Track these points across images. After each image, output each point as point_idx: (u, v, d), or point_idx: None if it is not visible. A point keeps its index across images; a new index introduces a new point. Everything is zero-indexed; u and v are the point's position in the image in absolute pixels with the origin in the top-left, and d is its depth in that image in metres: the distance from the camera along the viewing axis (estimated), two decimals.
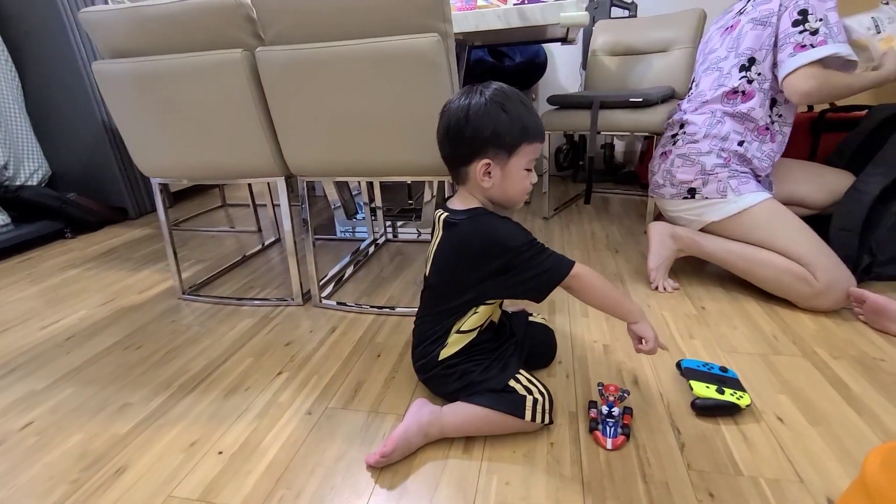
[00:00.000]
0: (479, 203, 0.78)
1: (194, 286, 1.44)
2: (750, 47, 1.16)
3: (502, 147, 0.73)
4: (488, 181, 0.75)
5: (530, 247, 0.74)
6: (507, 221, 0.77)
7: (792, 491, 0.66)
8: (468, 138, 0.73)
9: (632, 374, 0.93)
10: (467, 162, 0.75)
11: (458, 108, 0.73)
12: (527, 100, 0.75)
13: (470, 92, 0.73)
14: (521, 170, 0.75)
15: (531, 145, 0.75)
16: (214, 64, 1.07)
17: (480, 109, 0.71)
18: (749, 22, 1.17)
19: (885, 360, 0.93)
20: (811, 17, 1.06)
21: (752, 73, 1.16)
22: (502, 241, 0.74)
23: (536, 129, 0.74)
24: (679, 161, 1.25)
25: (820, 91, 1.08)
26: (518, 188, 0.77)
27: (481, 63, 2.14)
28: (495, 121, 0.71)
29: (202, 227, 2.07)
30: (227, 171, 1.21)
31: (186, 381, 0.98)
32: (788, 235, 1.12)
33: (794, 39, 1.08)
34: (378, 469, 0.73)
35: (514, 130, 0.72)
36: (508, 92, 0.73)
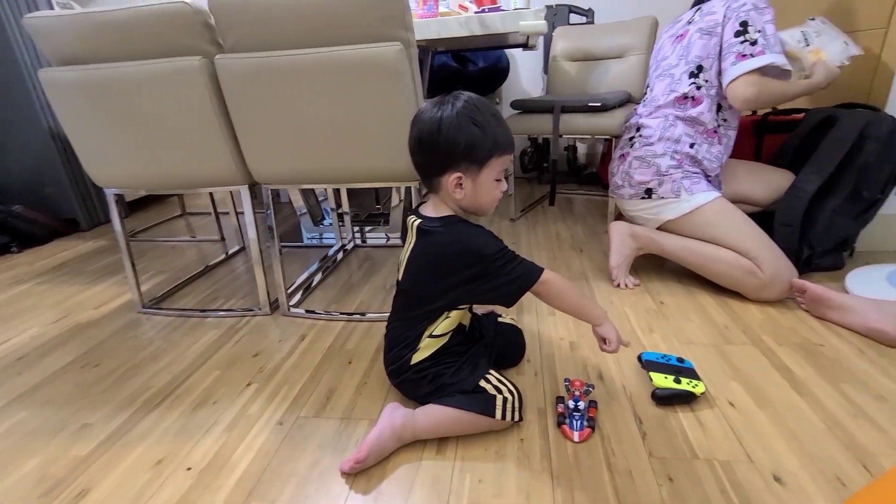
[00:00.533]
0: (451, 210, 0.80)
1: (154, 299, 1.39)
2: (698, 56, 1.23)
3: (474, 161, 0.74)
4: (460, 192, 0.76)
5: (502, 255, 0.76)
6: (481, 230, 0.78)
7: (742, 470, 0.70)
8: (441, 151, 0.74)
9: (597, 368, 0.97)
10: (439, 173, 0.76)
11: (431, 121, 0.73)
12: (497, 111, 0.76)
13: (441, 103, 0.74)
14: (492, 181, 0.77)
15: (502, 157, 0.76)
16: (172, 71, 1.04)
17: (452, 123, 0.72)
18: (697, 32, 1.24)
19: (824, 345, 1.00)
20: (751, 29, 1.14)
21: (701, 79, 1.23)
22: (477, 249, 0.76)
23: (507, 142, 0.76)
24: (636, 163, 1.31)
25: (759, 97, 1.16)
26: (489, 198, 0.79)
27: (445, 68, 2.17)
28: (467, 135, 0.72)
29: (161, 238, 2.00)
30: (188, 181, 1.18)
31: (150, 398, 0.95)
32: (736, 232, 1.19)
33: (736, 49, 1.16)
34: (352, 475, 0.74)
35: (485, 144, 0.73)
36: (479, 104, 0.74)
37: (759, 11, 1.15)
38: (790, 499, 0.66)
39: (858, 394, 0.85)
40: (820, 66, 1.21)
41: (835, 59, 1.22)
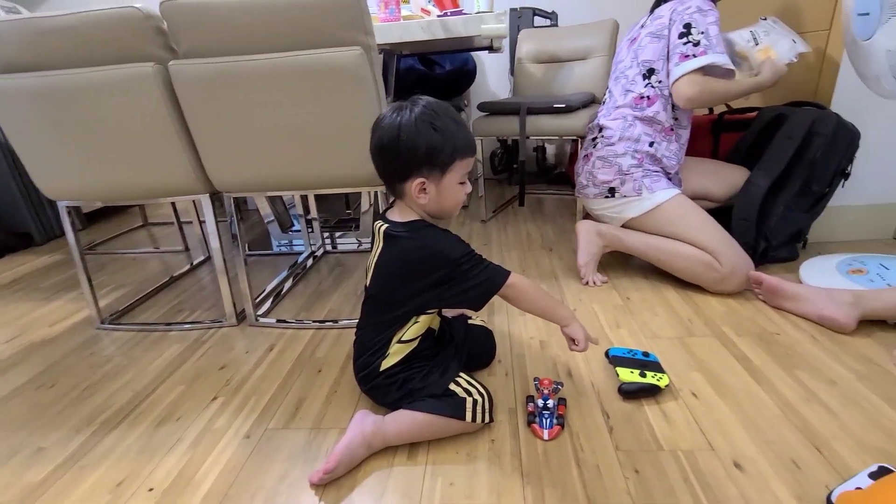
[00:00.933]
0: (417, 215, 0.80)
1: (115, 314, 1.34)
2: (648, 59, 1.28)
3: (436, 166, 0.74)
4: (424, 198, 0.76)
5: (469, 258, 0.76)
6: (448, 234, 0.79)
7: (704, 459, 0.73)
8: (402, 158, 0.73)
9: (566, 366, 0.98)
10: (402, 180, 0.76)
11: (390, 127, 0.73)
12: (456, 114, 0.76)
13: (400, 109, 0.73)
14: (456, 184, 0.77)
15: (464, 161, 0.76)
16: (123, 78, 1.01)
17: (412, 129, 0.71)
18: (647, 35, 1.29)
19: (780, 334, 1.05)
20: (694, 31, 1.19)
21: (653, 80, 1.27)
22: (444, 253, 0.76)
23: (468, 145, 0.76)
24: (599, 163, 1.34)
25: (701, 96, 1.21)
26: (453, 201, 0.79)
27: (412, 71, 2.17)
28: (427, 140, 0.71)
29: (122, 250, 1.93)
30: (145, 191, 1.15)
31: (110, 417, 0.92)
32: (696, 227, 1.23)
33: (680, 50, 1.21)
34: (322, 486, 0.73)
35: (446, 149, 0.73)
36: (438, 109, 0.73)
37: (703, 13, 1.20)
38: (749, 484, 0.68)
39: (811, 379, 0.89)
40: (767, 65, 1.26)
41: (783, 57, 1.27)
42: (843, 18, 1.15)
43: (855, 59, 1.15)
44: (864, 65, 1.12)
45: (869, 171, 1.40)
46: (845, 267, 1.25)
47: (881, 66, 1.07)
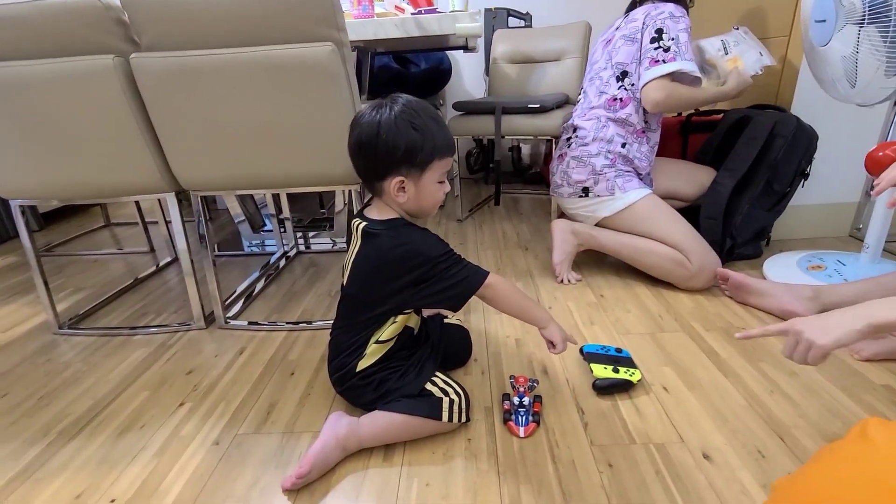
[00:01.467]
0: (395, 213, 0.79)
1: (74, 318, 1.28)
2: (622, 61, 1.30)
3: (415, 165, 0.73)
4: (403, 196, 0.75)
5: (447, 258, 0.76)
6: (426, 233, 0.78)
7: (675, 451, 0.74)
8: (381, 156, 0.72)
9: (541, 364, 0.99)
10: (381, 178, 0.75)
11: (369, 125, 0.72)
12: (436, 113, 0.75)
13: (380, 107, 0.72)
14: (435, 183, 0.77)
15: (443, 160, 0.76)
16: (82, 71, 0.96)
17: (391, 127, 0.71)
18: (621, 38, 1.31)
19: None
20: (665, 36, 1.22)
21: (626, 83, 1.30)
22: (422, 252, 0.75)
23: (447, 144, 0.76)
24: (574, 163, 1.35)
25: (667, 101, 1.24)
26: (432, 200, 0.78)
27: (386, 69, 2.15)
28: (407, 139, 0.71)
29: (82, 251, 1.85)
30: (106, 190, 1.10)
31: (68, 427, 0.87)
32: (667, 226, 1.26)
33: (650, 55, 1.24)
34: (295, 491, 0.71)
35: (425, 148, 0.72)
36: (418, 108, 0.73)
37: (675, 20, 1.23)
38: (717, 474, 0.70)
39: (774, 371, 0.92)
40: (734, 75, 1.30)
41: (749, 68, 1.32)
42: (802, 25, 1.19)
43: (813, 63, 1.20)
44: (822, 69, 1.17)
45: (826, 172, 1.46)
46: (805, 263, 1.30)
47: (837, 71, 1.12)
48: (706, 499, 0.66)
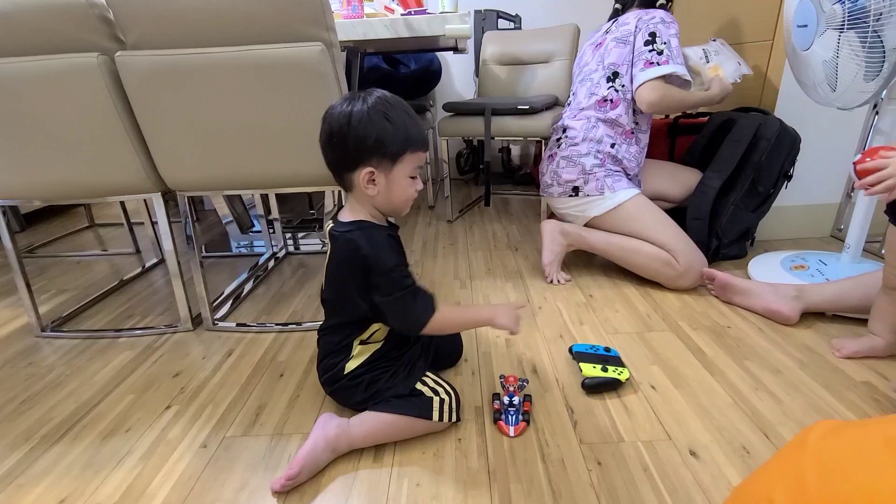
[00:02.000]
0: (365, 214, 0.78)
1: (57, 320, 1.26)
2: (613, 63, 1.32)
3: (386, 155, 0.72)
4: (373, 189, 0.74)
5: (397, 273, 0.74)
6: (387, 240, 0.76)
7: (662, 448, 0.75)
8: (351, 146, 0.71)
9: (531, 363, 0.99)
10: (351, 169, 0.74)
11: (341, 115, 0.71)
12: (410, 108, 0.75)
13: (353, 98, 0.72)
14: (406, 177, 0.75)
15: (415, 154, 0.75)
16: (65, 69, 0.94)
17: (363, 117, 0.70)
18: (613, 40, 1.33)
19: (730, 326, 1.10)
20: (658, 40, 1.25)
21: (617, 84, 1.31)
22: (369, 256, 0.73)
23: (420, 138, 0.75)
24: (564, 162, 1.37)
25: (661, 101, 1.26)
26: (403, 196, 0.77)
27: (376, 70, 2.15)
28: (378, 129, 0.70)
29: (65, 252, 1.81)
30: (90, 190, 1.08)
31: (50, 432, 0.86)
32: (655, 226, 1.28)
33: (645, 57, 1.26)
34: (284, 493, 0.70)
35: (397, 139, 0.71)
36: (392, 100, 0.73)
37: (666, 25, 1.26)
38: (703, 471, 0.71)
39: (759, 369, 0.94)
40: (717, 82, 1.35)
41: (729, 76, 1.38)
42: (785, 29, 1.22)
43: (795, 67, 1.23)
44: (803, 73, 1.19)
45: (808, 174, 1.49)
46: (789, 263, 1.33)
47: (818, 75, 1.14)
48: (693, 495, 0.67)
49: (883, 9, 0.96)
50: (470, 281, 1.40)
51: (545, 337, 1.09)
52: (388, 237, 0.77)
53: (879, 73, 1.01)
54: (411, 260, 1.57)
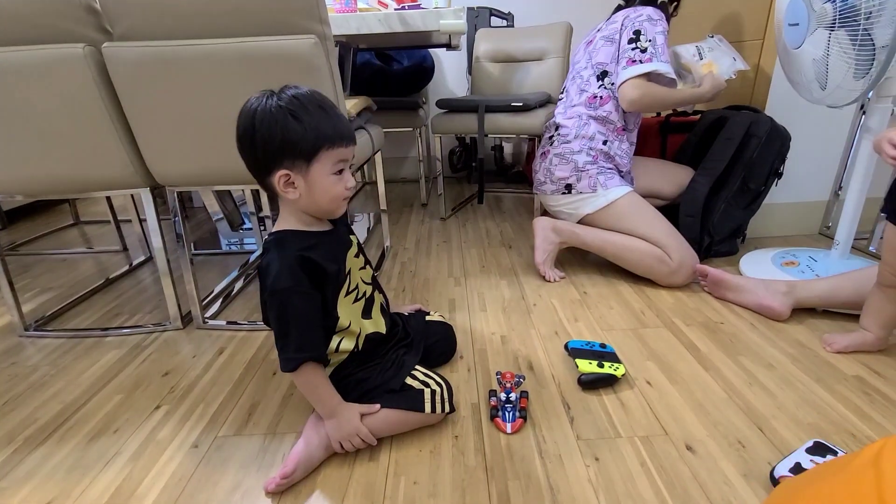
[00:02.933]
0: (292, 220, 0.74)
1: (41, 320, 1.22)
2: (602, 61, 1.32)
3: (298, 156, 0.68)
4: (293, 192, 0.70)
5: (279, 300, 0.69)
6: (287, 262, 0.70)
7: (659, 443, 0.75)
8: (259, 149, 0.67)
9: (527, 360, 0.99)
10: (265, 174, 0.70)
11: (246, 115, 0.67)
12: (327, 102, 0.70)
13: (262, 95, 0.68)
14: (327, 176, 0.70)
15: (333, 150, 0.69)
16: (51, 60, 0.92)
17: (267, 116, 0.66)
18: (601, 39, 1.34)
19: (723, 322, 1.11)
20: (642, 38, 1.25)
21: (606, 82, 1.32)
22: (261, 269, 0.72)
23: (337, 133, 0.69)
24: (556, 160, 1.36)
25: (642, 99, 1.26)
26: (328, 196, 0.72)
27: (368, 66, 2.13)
28: (283, 129, 0.66)
29: (49, 250, 1.77)
30: (77, 185, 1.05)
31: (35, 433, 0.83)
32: (647, 223, 1.28)
33: (628, 55, 1.26)
34: (279, 493, 0.69)
35: (307, 137, 0.67)
36: (304, 96, 0.68)
37: (652, 23, 1.25)
38: (700, 464, 0.71)
39: (752, 364, 0.95)
40: (708, 78, 1.34)
41: (724, 73, 1.37)
42: (776, 28, 1.23)
43: (786, 65, 1.24)
44: (794, 71, 1.21)
45: (798, 172, 1.51)
46: (779, 260, 1.34)
47: (808, 74, 1.16)
48: (690, 489, 0.67)
49: (873, 7, 0.97)
50: (464, 278, 1.40)
51: (540, 334, 1.08)
52: (298, 257, 0.70)
53: (868, 71, 1.03)
54: (405, 257, 1.56)
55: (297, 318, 0.70)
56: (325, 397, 0.74)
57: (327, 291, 0.74)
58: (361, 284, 0.82)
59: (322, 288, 0.73)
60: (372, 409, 0.76)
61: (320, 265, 0.72)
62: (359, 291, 0.81)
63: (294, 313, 0.70)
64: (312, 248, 0.72)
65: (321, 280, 0.73)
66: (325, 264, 0.73)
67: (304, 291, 0.71)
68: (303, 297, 0.71)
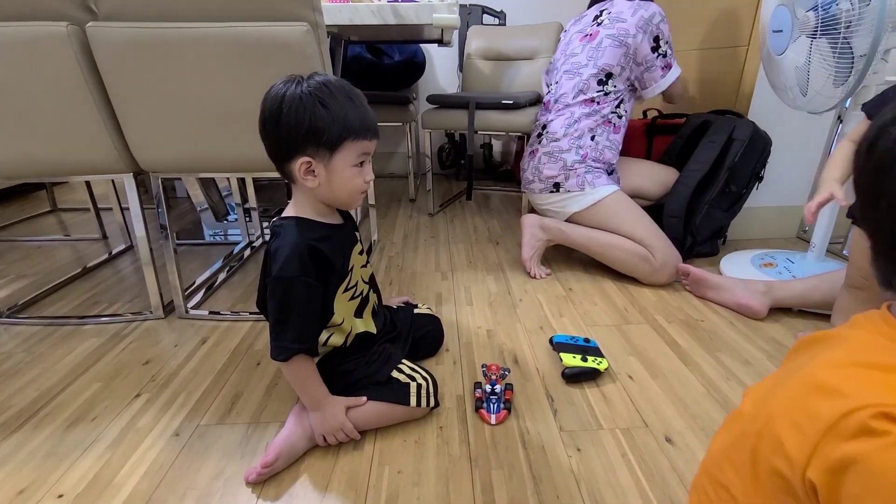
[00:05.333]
0: (307, 208, 0.73)
1: (15, 307, 1.19)
2: (608, 63, 1.32)
3: (322, 144, 0.66)
4: (312, 180, 0.69)
5: (281, 287, 0.68)
6: (295, 246, 0.69)
7: (639, 435, 0.77)
8: (284, 134, 0.66)
9: (512, 353, 1.00)
10: (287, 159, 0.68)
11: (273, 100, 0.66)
12: (357, 94, 0.69)
13: (290, 81, 0.66)
14: (349, 168, 0.69)
15: (357, 142, 0.68)
16: (32, 38, 0.89)
17: (295, 102, 0.64)
18: (608, 38, 1.32)
19: (703, 320, 1.13)
20: (662, 42, 1.32)
21: (609, 85, 1.33)
22: (270, 251, 0.70)
23: (363, 125, 0.68)
24: (545, 158, 1.38)
25: (685, 93, 1.47)
26: (347, 188, 0.71)
27: (359, 60, 2.12)
28: (312, 115, 0.65)
29: (24, 237, 1.72)
30: (57, 168, 1.02)
31: (9, 420, 0.81)
32: (633, 222, 1.30)
33: (659, 63, 1.33)
34: (262, 482, 0.68)
35: (334, 126, 0.66)
36: (333, 85, 0.67)
37: (665, 22, 1.31)
38: (678, 456, 0.73)
39: (730, 360, 0.97)
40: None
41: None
42: (761, 34, 1.26)
43: (769, 71, 1.27)
44: (777, 77, 1.24)
45: (778, 176, 1.55)
46: (758, 261, 1.38)
47: (790, 80, 1.19)
48: (669, 479, 0.69)
49: (853, 18, 1.00)
50: (451, 273, 1.40)
51: (526, 328, 1.10)
52: (310, 246, 0.69)
53: (847, 79, 1.06)
54: (392, 251, 1.56)
55: (298, 309, 0.69)
56: (312, 389, 0.74)
57: (329, 286, 0.74)
58: (360, 283, 0.82)
59: (325, 282, 0.73)
60: (358, 401, 0.76)
61: (329, 258, 0.72)
62: (356, 290, 0.81)
63: (296, 303, 0.69)
64: (324, 239, 0.72)
65: (327, 273, 0.73)
66: (333, 258, 0.73)
67: (310, 282, 0.70)
68: (307, 288, 0.70)
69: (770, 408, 0.37)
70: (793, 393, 0.35)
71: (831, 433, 0.30)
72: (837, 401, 0.31)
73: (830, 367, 0.34)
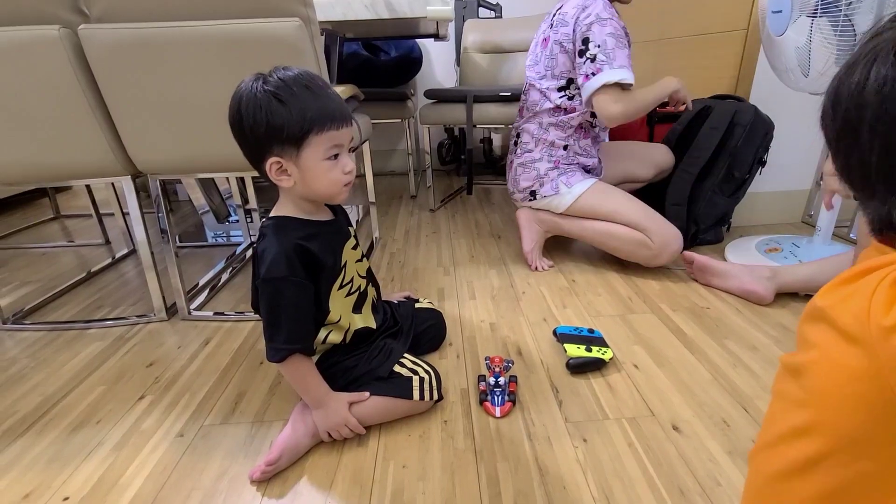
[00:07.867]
0: (290, 207, 0.73)
1: (19, 313, 1.19)
2: (563, 71, 1.25)
3: (285, 142, 0.64)
4: (287, 180, 0.67)
5: (269, 285, 0.68)
6: (280, 247, 0.68)
7: (646, 424, 0.76)
8: (248, 135, 0.65)
9: (516, 346, 0.99)
10: (259, 161, 0.67)
11: (233, 101, 0.65)
12: (318, 83, 0.66)
13: (253, 78, 0.65)
14: (320, 162, 0.67)
15: (323, 134, 0.65)
16: (24, 42, 0.89)
17: (252, 102, 0.63)
18: (555, 44, 1.24)
19: (709, 308, 1.12)
20: (591, 45, 1.15)
21: (572, 90, 1.27)
22: (259, 258, 0.70)
23: (325, 115, 0.65)
24: (520, 170, 1.36)
25: (626, 112, 1.17)
26: (324, 182, 0.68)
27: (355, 56, 2.11)
28: (269, 113, 0.63)
29: (28, 244, 1.73)
30: (54, 172, 1.02)
31: (13, 426, 0.81)
32: (622, 209, 1.26)
33: (582, 70, 1.18)
34: (266, 480, 0.68)
35: (293, 121, 0.63)
36: (291, 78, 0.64)
37: (602, 23, 1.13)
38: (686, 444, 0.72)
39: (737, 346, 0.96)
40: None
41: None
42: (760, 15, 1.24)
43: (770, 52, 1.25)
44: (777, 58, 1.22)
45: (782, 161, 1.53)
46: (763, 246, 1.36)
47: (791, 61, 1.17)
48: (676, 468, 0.68)
49: None
50: (453, 268, 1.40)
51: (529, 321, 1.09)
52: (296, 246, 0.68)
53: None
54: (394, 248, 1.56)
55: (288, 309, 0.69)
56: (312, 388, 0.73)
57: (321, 284, 0.73)
58: (357, 278, 0.81)
59: (316, 280, 0.72)
60: (361, 397, 0.75)
61: (318, 257, 0.71)
62: (353, 285, 0.80)
63: (286, 304, 0.68)
64: (311, 238, 0.71)
65: (316, 272, 0.72)
66: (322, 256, 0.71)
67: (299, 282, 0.69)
68: (296, 288, 0.69)
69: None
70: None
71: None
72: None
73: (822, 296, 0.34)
